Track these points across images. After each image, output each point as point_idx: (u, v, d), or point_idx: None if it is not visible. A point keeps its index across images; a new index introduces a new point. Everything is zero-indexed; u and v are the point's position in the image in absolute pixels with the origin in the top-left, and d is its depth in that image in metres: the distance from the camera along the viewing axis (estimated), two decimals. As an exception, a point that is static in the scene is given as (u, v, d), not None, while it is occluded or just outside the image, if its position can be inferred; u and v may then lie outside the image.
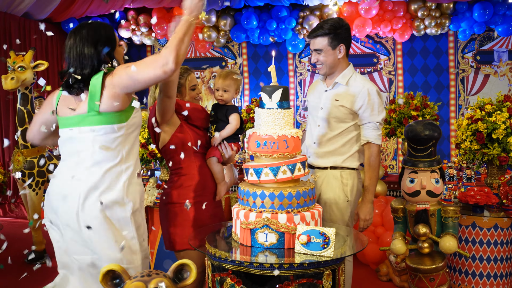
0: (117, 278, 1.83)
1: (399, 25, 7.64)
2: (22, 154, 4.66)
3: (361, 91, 2.96)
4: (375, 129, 3.03)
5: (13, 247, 5.35)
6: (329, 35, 2.90)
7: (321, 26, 2.93)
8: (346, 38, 2.98)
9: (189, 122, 2.80)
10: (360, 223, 3.07)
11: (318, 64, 3.01)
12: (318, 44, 2.93)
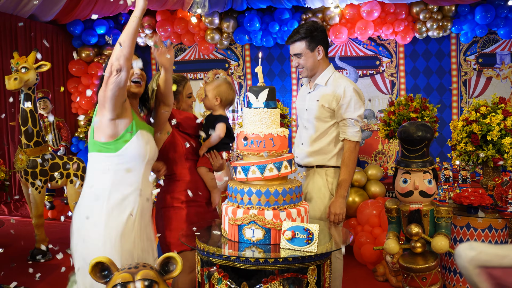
0: (105, 270, 1.90)
1: (401, 27, 7.67)
2: (25, 153, 4.75)
3: (337, 90, 3.05)
4: (351, 126, 3.09)
5: (17, 245, 5.48)
6: (306, 38, 3.01)
7: (297, 31, 3.03)
8: (323, 39, 3.07)
9: (181, 130, 2.88)
10: (330, 217, 3.08)
11: (299, 68, 3.12)
12: (297, 49, 3.04)
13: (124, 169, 2.36)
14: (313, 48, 3.04)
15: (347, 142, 3.10)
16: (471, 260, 1.25)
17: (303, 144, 3.17)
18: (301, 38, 3.02)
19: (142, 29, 8.54)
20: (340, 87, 3.05)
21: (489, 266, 1.23)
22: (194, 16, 8.01)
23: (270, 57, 8.67)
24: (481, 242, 3.94)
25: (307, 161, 3.13)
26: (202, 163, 2.94)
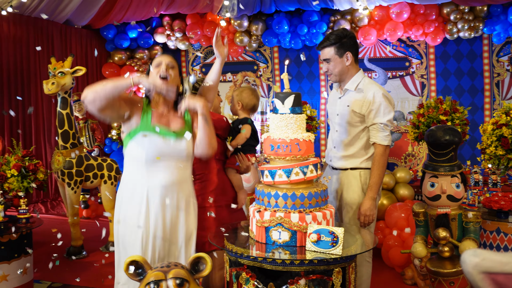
0: (139, 268, 2.00)
1: (431, 28, 7.60)
2: (62, 155, 4.94)
3: (367, 95, 3.12)
4: (381, 130, 3.15)
5: (53, 242, 5.68)
6: (335, 44, 3.10)
7: (327, 38, 3.13)
8: (352, 45, 3.14)
9: None
10: (361, 218, 3.14)
11: (328, 73, 3.20)
12: (326, 54, 3.13)
13: (128, 166, 2.60)
14: (341, 54, 3.12)
15: (377, 146, 3.17)
16: (475, 266, 1.31)
17: (335, 147, 3.26)
18: (330, 44, 3.12)
19: (173, 32, 8.72)
20: (370, 93, 3.12)
21: (493, 272, 1.28)
22: (224, 20, 8.13)
23: (299, 59, 8.71)
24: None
25: (340, 164, 3.21)
26: (230, 164, 3.04)
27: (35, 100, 7.61)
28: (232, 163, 3.03)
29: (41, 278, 4.41)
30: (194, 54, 9.23)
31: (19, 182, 3.85)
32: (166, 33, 8.76)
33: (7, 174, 3.83)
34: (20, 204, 3.64)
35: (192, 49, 9.22)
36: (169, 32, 8.75)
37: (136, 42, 8.96)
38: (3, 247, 3.41)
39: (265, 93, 8.89)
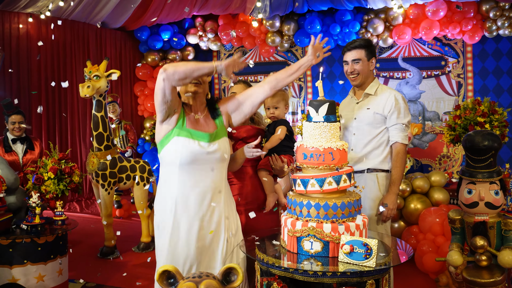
0: (171, 278, 2.01)
1: (469, 26, 7.39)
2: (96, 156, 5.03)
3: (389, 97, 3.30)
4: (402, 130, 3.31)
5: (87, 242, 5.82)
6: (366, 47, 3.26)
7: (359, 40, 3.30)
8: (375, 53, 3.35)
9: (243, 140, 3.00)
10: (388, 212, 3.28)
11: (353, 74, 3.31)
12: (357, 55, 3.26)
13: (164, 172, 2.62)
14: (369, 58, 3.30)
15: (399, 144, 3.31)
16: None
17: (353, 150, 3.36)
18: (362, 46, 3.27)
19: (205, 33, 8.77)
20: (391, 95, 3.30)
21: None
22: (256, 20, 8.11)
23: (331, 59, 8.61)
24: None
25: (358, 166, 3.31)
26: (263, 165, 3.00)
27: (71, 102, 7.81)
28: (265, 164, 3.00)
29: (76, 277, 4.50)
30: (225, 54, 9.25)
31: (55, 185, 3.94)
32: (199, 34, 8.82)
33: (44, 177, 3.93)
34: (56, 206, 3.72)
35: (224, 50, 9.24)
36: (201, 33, 8.80)
37: (169, 43, 9.06)
38: (40, 248, 3.50)
39: (296, 94, 8.84)
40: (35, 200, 3.56)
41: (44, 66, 7.39)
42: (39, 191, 3.94)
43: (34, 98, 7.26)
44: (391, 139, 3.33)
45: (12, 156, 4.84)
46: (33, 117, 7.13)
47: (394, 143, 3.31)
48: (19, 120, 4.93)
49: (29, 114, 7.13)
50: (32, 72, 7.20)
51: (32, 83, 7.21)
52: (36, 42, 7.26)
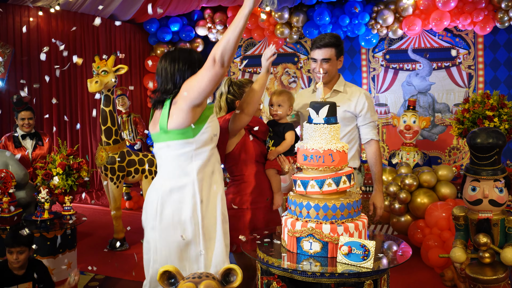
0: (172, 278, 2.06)
1: (480, 17, 7.29)
2: (105, 150, 5.10)
3: (360, 96, 3.32)
4: (375, 127, 3.40)
5: (97, 234, 5.92)
6: (336, 46, 3.17)
7: (329, 38, 3.17)
8: (343, 51, 3.30)
9: (252, 133, 3.00)
10: (378, 211, 3.33)
11: (320, 74, 3.20)
12: (328, 54, 3.17)
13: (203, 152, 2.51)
14: (338, 57, 3.24)
15: (375, 142, 3.37)
16: None
17: None
18: (332, 44, 3.17)
19: (214, 25, 8.77)
20: (362, 94, 3.32)
21: None
22: (264, 12, 8.09)
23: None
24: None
25: None
26: (272, 165, 3.05)
27: (81, 96, 7.89)
28: (275, 165, 3.04)
29: (85, 269, 4.59)
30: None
31: (63, 180, 4.01)
32: (208, 25, 8.82)
33: (53, 172, 4.00)
34: (64, 201, 3.80)
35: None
36: (211, 25, 8.80)
37: (178, 35, 9.08)
38: (49, 243, 3.58)
39: (306, 86, 8.83)
40: (44, 196, 3.64)
41: (55, 60, 7.46)
42: (48, 186, 4.01)
43: (45, 93, 7.35)
44: (365, 137, 3.37)
45: (22, 151, 4.93)
46: (44, 111, 7.22)
47: (370, 140, 3.36)
48: (29, 116, 5.01)
49: (40, 108, 7.22)
50: (42, 66, 7.27)
51: (43, 77, 7.29)
52: (47, 35, 7.34)
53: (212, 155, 2.56)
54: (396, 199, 5.07)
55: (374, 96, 8.42)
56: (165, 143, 2.51)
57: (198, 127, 2.47)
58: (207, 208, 2.50)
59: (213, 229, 2.52)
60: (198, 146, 2.49)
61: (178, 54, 2.57)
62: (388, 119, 8.30)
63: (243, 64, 9.23)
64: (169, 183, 2.50)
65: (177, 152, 2.49)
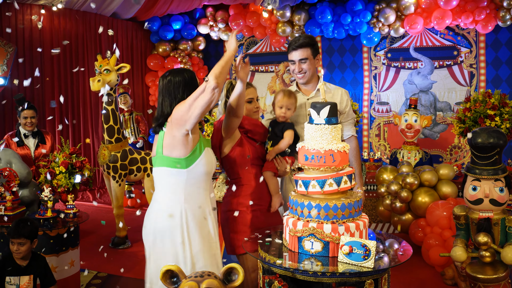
0: (174, 277, 2.08)
1: (482, 15, 7.28)
2: (107, 149, 5.13)
3: (342, 93, 3.41)
4: (353, 124, 3.53)
5: (99, 231, 5.94)
6: (312, 46, 3.24)
7: (303, 39, 3.24)
8: (319, 51, 3.36)
9: (248, 136, 3.01)
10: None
11: (301, 73, 3.27)
12: (304, 54, 3.23)
13: (194, 185, 2.54)
14: (315, 55, 3.29)
15: (354, 138, 3.48)
16: None
17: None
18: (307, 44, 3.23)
19: (216, 23, 8.78)
20: (343, 92, 3.42)
21: None
22: (266, 11, 8.10)
23: (342, 49, 8.58)
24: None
25: None
26: (268, 167, 3.05)
27: (83, 94, 7.91)
28: (271, 167, 3.05)
29: (87, 267, 4.62)
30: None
31: (66, 179, 4.04)
32: (209, 24, 8.83)
33: (56, 171, 4.02)
34: (67, 200, 3.82)
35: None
36: (212, 23, 8.81)
37: (179, 34, 9.09)
38: (52, 241, 3.60)
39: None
40: (47, 194, 3.66)
41: (57, 58, 7.48)
42: (51, 185, 4.03)
43: (47, 91, 7.37)
44: (346, 133, 3.47)
45: (24, 150, 4.95)
46: (46, 110, 7.24)
47: (350, 137, 3.46)
48: (31, 115, 5.02)
49: (43, 106, 7.24)
50: (45, 64, 7.30)
51: (45, 76, 7.31)
52: (49, 34, 7.36)
53: (204, 187, 2.60)
54: (397, 198, 5.08)
55: (375, 95, 8.43)
56: (160, 168, 2.57)
57: (192, 158, 2.52)
58: (196, 236, 2.54)
59: (201, 256, 2.56)
60: (190, 177, 2.53)
61: (177, 78, 2.61)
62: (390, 118, 8.31)
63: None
64: (161, 207, 2.56)
65: (169, 179, 2.54)
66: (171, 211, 2.51)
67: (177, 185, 2.53)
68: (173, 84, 2.58)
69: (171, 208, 2.52)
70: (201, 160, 2.53)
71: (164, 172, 2.54)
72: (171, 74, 2.63)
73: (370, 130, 8.49)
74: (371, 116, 8.47)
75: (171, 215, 2.50)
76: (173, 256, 2.50)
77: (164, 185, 2.56)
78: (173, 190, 2.54)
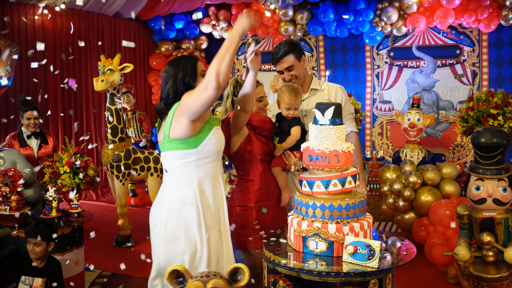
0: (180, 277, 2.10)
1: (485, 14, 7.29)
2: (111, 148, 5.14)
3: (336, 90, 3.38)
4: (352, 119, 3.45)
5: (103, 230, 5.96)
6: (292, 51, 3.22)
7: (283, 47, 3.23)
8: (302, 50, 3.32)
9: (256, 132, 3.02)
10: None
11: (292, 80, 3.28)
12: (288, 62, 3.23)
13: (205, 165, 2.52)
14: (299, 58, 3.27)
15: (354, 133, 3.41)
16: None
17: None
18: (288, 51, 3.22)
19: (218, 22, 8.79)
20: (338, 88, 3.38)
21: None
22: (268, 10, 8.11)
23: (345, 47, 8.58)
24: None
25: None
26: (277, 163, 3.07)
27: (85, 93, 7.93)
28: (279, 163, 3.07)
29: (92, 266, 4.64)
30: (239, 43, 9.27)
31: (71, 179, 4.06)
32: (212, 23, 8.84)
33: (60, 171, 4.04)
34: (72, 199, 3.83)
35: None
36: (215, 22, 8.82)
37: (182, 33, 9.10)
38: (57, 240, 3.61)
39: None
40: (51, 194, 3.68)
41: (60, 58, 7.50)
42: (55, 184, 4.06)
43: (50, 92, 7.39)
44: (346, 129, 3.35)
45: (27, 150, 4.96)
46: (49, 109, 7.27)
47: (350, 132, 3.39)
48: (34, 116, 5.03)
49: (46, 106, 7.26)
50: (47, 64, 7.32)
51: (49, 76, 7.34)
52: (52, 33, 7.37)
53: (215, 167, 2.58)
54: (400, 197, 5.09)
55: (378, 93, 8.43)
56: (169, 152, 2.53)
57: (200, 137, 2.50)
58: (210, 218, 2.53)
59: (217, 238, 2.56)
60: (201, 157, 2.50)
61: (181, 62, 2.60)
62: (392, 116, 8.32)
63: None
64: (173, 194, 2.53)
65: (179, 162, 2.51)
66: (184, 194, 2.49)
67: (187, 167, 2.50)
68: (174, 71, 2.57)
69: (183, 191, 2.49)
70: (210, 139, 2.51)
71: (173, 156, 2.51)
72: (173, 62, 2.62)
73: (373, 128, 8.50)
74: (374, 114, 8.47)
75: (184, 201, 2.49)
76: (186, 239, 2.48)
77: (174, 170, 2.53)
78: (184, 173, 2.50)
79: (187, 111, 2.43)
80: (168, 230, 2.51)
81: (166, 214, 2.52)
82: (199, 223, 2.48)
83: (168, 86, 2.56)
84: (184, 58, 2.65)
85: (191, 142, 2.48)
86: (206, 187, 2.53)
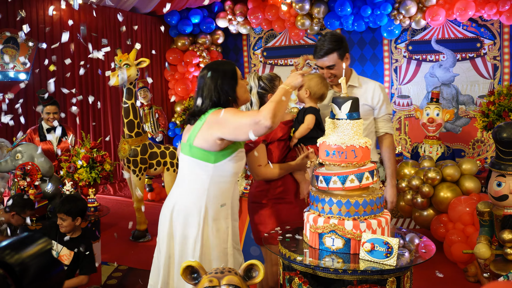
0: (195, 273, 2.08)
1: (507, 6, 7.10)
2: (128, 143, 5.16)
3: (375, 88, 3.29)
4: (389, 121, 3.39)
5: (120, 225, 6.00)
6: (337, 50, 3.09)
7: (327, 44, 3.09)
8: (347, 46, 3.19)
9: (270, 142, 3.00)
10: (388, 205, 3.34)
11: (330, 78, 3.18)
12: (330, 61, 3.11)
13: (218, 183, 2.48)
14: (342, 57, 3.13)
15: (389, 136, 3.36)
16: None
17: None
18: (331, 50, 3.09)
19: (234, 16, 8.75)
20: (376, 86, 3.29)
21: None
22: (285, 4, 8.04)
23: (362, 41, 8.47)
24: None
25: None
26: (291, 158, 3.03)
27: (103, 89, 7.97)
28: (294, 156, 3.02)
29: (108, 260, 4.67)
30: (255, 38, 9.22)
31: (87, 173, 4.08)
32: (228, 17, 8.81)
33: (77, 165, 4.07)
34: (88, 194, 3.86)
35: (253, 33, 9.22)
36: (231, 17, 8.78)
37: (198, 27, 9.09)
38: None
39: (327, 77, 8.75)
40: (68, 188, 3.70)
41: (77, 53, 7.55)
42: (73, 179, 4.08)
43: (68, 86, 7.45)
44: (381, 130, 3.35)
45: (47, 145, 5.01)
46: (67, 105, 7.32)
47: (384, 134, 3.35)
48: (54, 110, 5.07)
49: (64, 101, 7.32)
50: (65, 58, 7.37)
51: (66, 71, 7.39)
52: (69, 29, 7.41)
53: (228, 190, 2.53)
54: (419, 193, 5.01)
55: (396, 88, 8.32)
56: (187, 157, 2.50)
57: (222, 154, 2.44)
58: (211, 236, 2.50)
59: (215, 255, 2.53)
60: (216, 174, 2.45)
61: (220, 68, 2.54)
62: (411, 111, 8.20)
63: (264, 57, 9.20)
64: (180, 198, 2.51)
65: (195, 170, 2.47)
66: (189, 211, 2.47)
67: (201, 178, 2.46)
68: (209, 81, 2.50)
69: (189, 208, 2.47)
70: (231, 160, 2.46)
71: (190, 162, 2.48)
72: (210, 69, 2.54)
73: (391, 123, 8.39)
74: (392, 109, 8.35)
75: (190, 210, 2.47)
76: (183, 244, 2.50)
77: (188, 175, 2.51)
78: (196, 184, 2.47)
79: (224, 130, 2.36)
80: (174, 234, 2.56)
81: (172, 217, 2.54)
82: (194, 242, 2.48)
83: (205, 92, 2.50)
84: (223, 64, 2.61)
85: (211, 156, 2.44)
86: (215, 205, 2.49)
